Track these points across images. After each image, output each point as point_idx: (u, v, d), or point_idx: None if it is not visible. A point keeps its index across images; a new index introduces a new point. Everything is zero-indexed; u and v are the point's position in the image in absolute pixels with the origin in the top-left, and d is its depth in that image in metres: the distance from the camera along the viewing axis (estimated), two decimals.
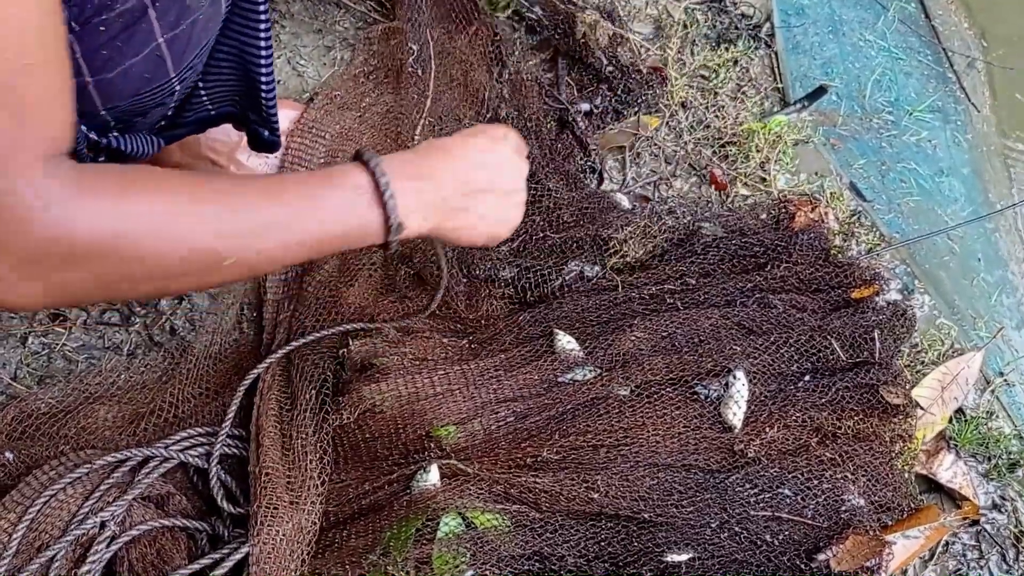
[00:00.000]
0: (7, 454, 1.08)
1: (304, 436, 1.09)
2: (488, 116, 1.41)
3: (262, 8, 0.93)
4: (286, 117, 1.28)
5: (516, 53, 1.48)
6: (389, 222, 0.82)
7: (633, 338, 1.19)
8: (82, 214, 0.65)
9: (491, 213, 0.94)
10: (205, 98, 1.02)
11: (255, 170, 1.28)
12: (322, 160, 1.31)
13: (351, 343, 1.16)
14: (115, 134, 0.94)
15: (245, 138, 1.14)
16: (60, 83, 0.65)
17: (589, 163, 1.43)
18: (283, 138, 1.29)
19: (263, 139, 1.11)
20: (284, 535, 1.02)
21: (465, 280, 1.26)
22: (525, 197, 0.98)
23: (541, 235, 1.29)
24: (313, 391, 1.12)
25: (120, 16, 0.75)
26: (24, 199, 0.62)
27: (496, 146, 0.95)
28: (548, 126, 1.43)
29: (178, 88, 0.90)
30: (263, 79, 1.00)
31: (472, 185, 0.91)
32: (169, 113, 0.99)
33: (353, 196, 0.82)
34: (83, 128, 0.90)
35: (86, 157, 0.85)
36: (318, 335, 1.17)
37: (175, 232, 0.71)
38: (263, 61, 0.98)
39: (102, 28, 0.75)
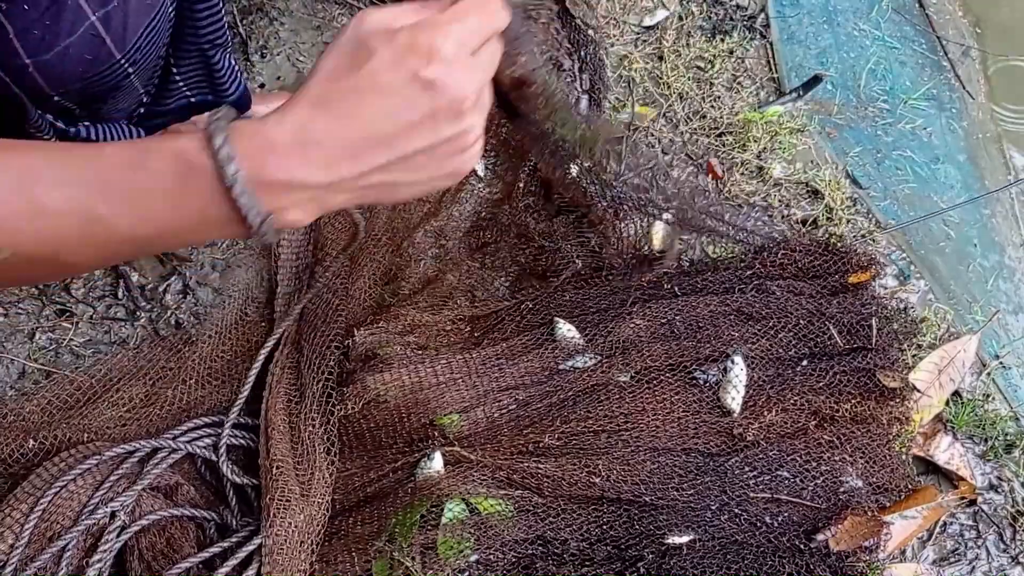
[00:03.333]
0: (30, 442, 1.09)
1: (312, 427, 1.11)
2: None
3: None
4: None
5: None
6: (248, 222, 0.61)
7: (632, 325, 1.21)
8: None
9: (417, 177, 0.65)
10: (182, 84, 1.00)
11: None
12: None
13: (356, 333, 1.17)
14: (86, 123, 0.92)
15: None
16: None
17: None
18: None
19: None
20: (296, 526, 1.04)
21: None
22: (471, 131, 0.64)
23: None
24: (320, 383, 1.14)
25: None
26: None
27: (396, 92, 0.60)
28: None
29: (132, 72, 0.87)
30: (215, 61, 0.97)
31: (373, 164, 0.62)
32: (145, 100, 0.98)
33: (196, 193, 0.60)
34: (48, 117, 0.89)
35: None
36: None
37: None
38: (210, 38, 0.95)
39: (26, 6, 0.74)
